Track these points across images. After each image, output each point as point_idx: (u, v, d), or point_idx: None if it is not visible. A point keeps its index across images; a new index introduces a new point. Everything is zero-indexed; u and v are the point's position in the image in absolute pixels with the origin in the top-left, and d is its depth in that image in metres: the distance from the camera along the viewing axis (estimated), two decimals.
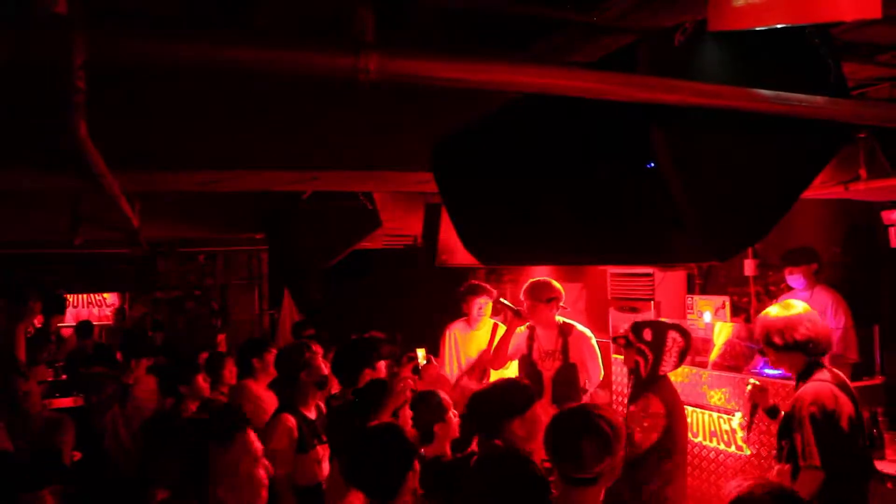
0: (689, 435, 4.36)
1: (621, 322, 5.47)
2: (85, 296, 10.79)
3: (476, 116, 2.95)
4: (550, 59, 2.60)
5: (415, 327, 7.09)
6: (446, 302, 6.94)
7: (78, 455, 4.32)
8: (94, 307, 10.94)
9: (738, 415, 3.83)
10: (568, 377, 4.45)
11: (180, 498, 2.52)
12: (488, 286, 5.24)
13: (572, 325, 4.62)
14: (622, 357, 3.79)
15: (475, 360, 5.15)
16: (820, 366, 3.03)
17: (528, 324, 4.72)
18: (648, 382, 3.60)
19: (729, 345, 4.73)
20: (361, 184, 4.34)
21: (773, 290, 5.15)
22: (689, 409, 4.50)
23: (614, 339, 3.87)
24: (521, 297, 4.62)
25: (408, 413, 3.24)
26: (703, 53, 2.33)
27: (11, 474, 2.55)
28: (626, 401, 4.70)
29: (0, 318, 4.33)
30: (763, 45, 2.35)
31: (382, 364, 4.00)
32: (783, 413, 3.19)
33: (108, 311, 10.96)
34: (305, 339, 6.03)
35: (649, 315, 5.50)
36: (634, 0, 2.27)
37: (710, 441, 4.61)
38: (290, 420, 3.54)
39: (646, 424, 3.49)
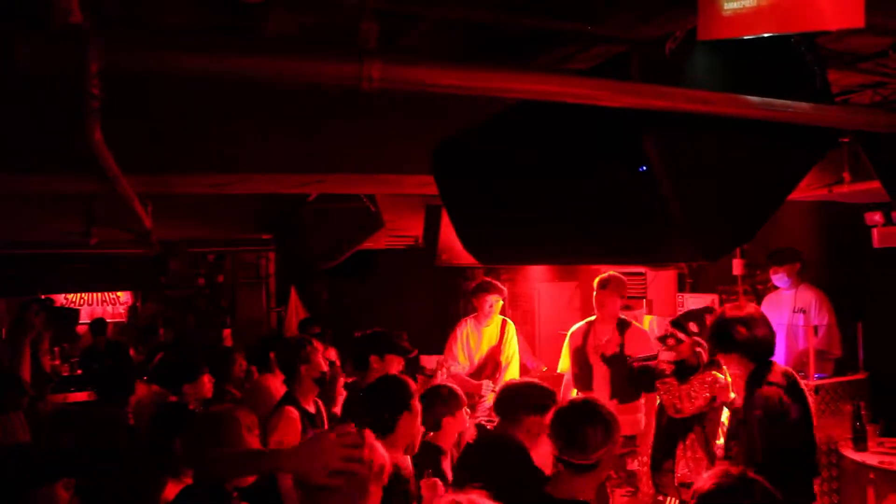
0: None
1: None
2: (99, 294, 10.96)
3: (475, 121, 3.03)
4: (547, 67, 2.68)
5: (415, 324, 7.17)
6: (446, 300, 7.02)
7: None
8: (107, 305, 11.12)
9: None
10: (624, 371, 4.50)
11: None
12: (499, 284, 5.31)
13: (630, 322, 4.73)
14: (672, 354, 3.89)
15: (486, 355, 5.24)
16: (768, 368, 3.05)
17: (589, 319, 4.81)
18: (710, 364, 3.78)
19: None
20: (365, 186, 4.42)
21: (760, 289, 5.22)
22: None
23: (662, 341, 3.96)
24: (596, 285, 4.71)
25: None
26: (693, 61, 2.40)
27: (25, 468, 2.60)
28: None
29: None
30: (751, 53, 2.42)
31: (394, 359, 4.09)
32: (731, 413, 3.24)
33: (121, 309, 11.14)
34: (311, 336, 6.12)
35: (643, 313, 5.60)
36: (627, 11, 2.35)
37: None
38: (294, 412, 3.59)
39: (706, 394, 3.66)
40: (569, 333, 4.92)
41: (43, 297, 8.56)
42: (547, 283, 6.87)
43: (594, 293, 4.73)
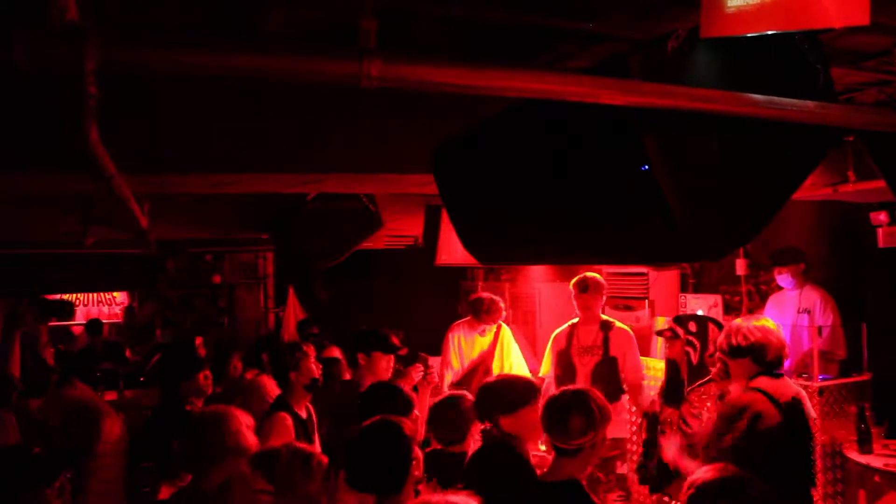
0: None
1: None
2: (95, 294, 10.91)
3: (475, 121, 3.02)
4: (548, 65, 2.66)
5: (415, 325, 7.16)
6: (446, 300, 7.01)
7: None
8: (103, 305, 11.07)
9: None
10: (606, 371, 4.51)
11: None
12: (496, 305, 5.23)
13: (613, 322, 4.71)
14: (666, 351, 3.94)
15: (476, 359, 5.20)
16: (766, 374, 2.99)
17: (571, 321, 4.78)
18: (700, 367, 3.80)
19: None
20: (364, 186, 4.41)
21: (764, 289, 5.20)
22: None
23: (659, 333, 4.04)
24: (578, 290, 4.70)
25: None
26: (695, 59, 2.39)
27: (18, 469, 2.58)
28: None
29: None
30: (754, 51, 2.41)
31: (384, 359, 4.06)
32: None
33: (117, 310, 11.08)
34: (311, 336, 6.10)
35: (644, 313, 5.58)
36: (629, 8, 2.33)
37: None
38: (288, 419, 3.58)
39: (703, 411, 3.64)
40: (552, 337, 4.91)
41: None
42: (548, 284, 6.86)
43: (574, 297, 4.71)
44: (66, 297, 10.53)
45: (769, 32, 2.04)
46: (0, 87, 2.39)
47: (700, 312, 4.97)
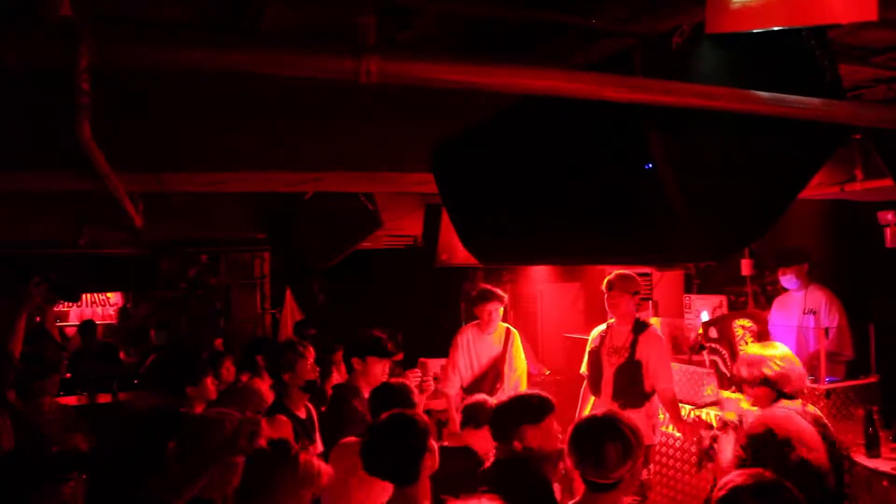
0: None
1: None
2: (89, 295, 10.83)
3: (476, 119, 2.98)
4: (549, 61, 2.62)
5: (415, 326, 7.13)
6: (446, 301, 6.97)
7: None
8: (97, 306, 10.99)
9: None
10: (629, 374, 4.41)
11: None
12: (500, 292, 5.17)
13: (648, 325, 4.58)
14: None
15: (487, 364, 5.11)
16: (789, 398, 2.98)
17: (610, 321, 4.68)
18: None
19: None
20: (363, 185, 4.38)
21: (770, 290, 5.17)
22: (687, 407, 4.57)
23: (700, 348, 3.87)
24: (604, 287, 4.60)
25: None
26: (700, 56, 2.35)
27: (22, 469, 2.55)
28: None
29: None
30: (760, 47, 2.37)
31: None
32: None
33: (111, 311, 11.01)
34: (308, 338, 6.04)
35: (648, 314, 5.54)
36: (633, 3, 2.30)
37: None
38: (286, 421, 3.55)
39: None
40: (591, 336, 4.82)
41: None
42: (550, 284, 6.83)
43: (605, 297, 4.65)
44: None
45: (775, 28, 2.00)
46: None
47: (704, 315, 4.92)
